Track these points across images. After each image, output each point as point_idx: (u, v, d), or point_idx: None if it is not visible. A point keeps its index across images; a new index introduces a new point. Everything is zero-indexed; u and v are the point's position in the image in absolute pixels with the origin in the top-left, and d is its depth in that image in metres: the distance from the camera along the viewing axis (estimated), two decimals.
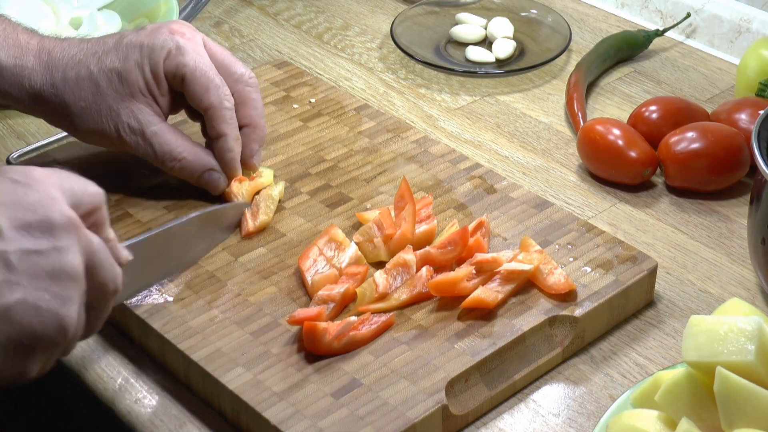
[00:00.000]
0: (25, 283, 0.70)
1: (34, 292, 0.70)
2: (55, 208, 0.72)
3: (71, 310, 0.71)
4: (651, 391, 0.76)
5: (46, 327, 0.70)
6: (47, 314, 0.70)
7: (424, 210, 0.97)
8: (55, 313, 0.70)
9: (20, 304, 0.69)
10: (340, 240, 0.94)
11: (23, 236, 0.70)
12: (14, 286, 0.69)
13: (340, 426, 0.80)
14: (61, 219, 0.72)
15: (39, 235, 0.71)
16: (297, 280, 0.93)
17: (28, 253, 0.70)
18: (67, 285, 0.71)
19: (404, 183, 0.97)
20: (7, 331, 0.69)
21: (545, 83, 1.26)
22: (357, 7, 1.42)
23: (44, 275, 0.70)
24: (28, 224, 0.71)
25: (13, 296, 0.69)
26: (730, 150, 1.06)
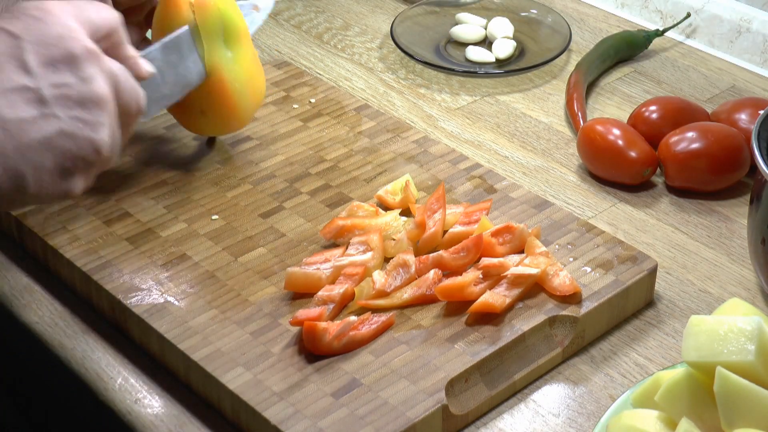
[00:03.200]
0: (60, 114, 0.77)
1: (68, 121, 0.77)
2: (76, 41, 0.78)
3: (103, 133, 0.79)
4: (651, 391, 0.76)
5: (83, 151, 0.78)
6: (82, 139, 0.78)
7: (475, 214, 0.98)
8: (89, 137, 0.78)
9: (58, 133, 0.77)
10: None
11: (51, 71, 0.77)
12: (51, 119, 0.77)
13: (340, 426, 0.80)
14: (81, 50, 0.78)
15: (64, 68, 0.77)
16: None
17: (57, 86, 0.77)
18: (96, 111, 0.79)
19: (441, 188, 0.97)
20: (51, 158, 0.77)
21: (545, 83, 1.26)
22: (357, 7, 1.42)
23: (75, 105, 0.78)
24: (53, 59, 0.77)
25: (51, 127, 0.77)
26: (730, 150, 1.06)
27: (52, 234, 0.97)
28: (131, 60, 0.86)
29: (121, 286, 0.92)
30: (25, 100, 0.76)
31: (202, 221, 0.99)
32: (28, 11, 0.78)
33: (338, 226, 0.95)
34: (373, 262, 0.93)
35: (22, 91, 0.76)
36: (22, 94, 0.76)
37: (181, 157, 1.07)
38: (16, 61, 0.76)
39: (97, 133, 0.79)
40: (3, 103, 0.75)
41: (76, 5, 0.81)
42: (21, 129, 0.75)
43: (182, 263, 0.94)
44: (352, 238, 0.95)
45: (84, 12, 0.81)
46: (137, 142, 1.09)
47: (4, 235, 1.02)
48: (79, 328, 0.94)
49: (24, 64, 0.76)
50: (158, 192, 1.02)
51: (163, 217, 0.99)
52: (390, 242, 0.95)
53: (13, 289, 0.97)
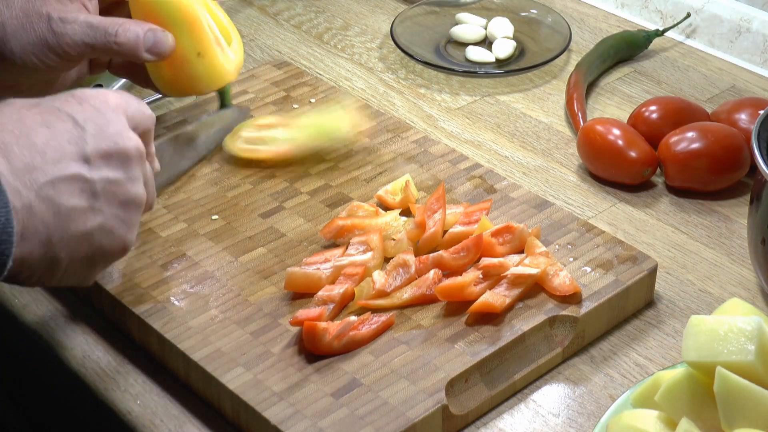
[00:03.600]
0: (105, 209, 0.78)
1: (111, 218, 0.79)
2: (130, 140, 0.80)
3: (134, 233, 0.82)
4: (651, 391, 0.76)
5: (114, 248, 0.80)
6: (117, 238, 0.80)
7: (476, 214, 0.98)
8: (123, 236, 0.80)
9: (99, 228, 0.78)
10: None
11: (106, 165, 0.78)
12: (97, 213, 0.78)
13: (340, 426, 0.80)
14: (134, 152, 0.80)
15: (117, 165, 0.79)
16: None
17: (109, 182, 0.79)
18: (135, 212, 0.81)
19: (441, 188, 0.97)
20: (86, 250, 0.78)
21: (545, 83, 1.26)
22: (357, 7, 1.42)
23: (118, 203, 0.79)
24: (109, 154, 0.79)
25: (96, 221, 0.78)
26: (730, 150, 1.06)
27: None
28: (151, 157, 0.87)
29: (121, 286, 0.92)
30: (80, 190, 0.77)
31: (202, 221, 0.99)
32: (90, 100, 0.80)
33: (338, 226, 0.95)
34: (373, 262, 0.93)
35: (79, 180, 0.76)
36: (79, 184, 0.76)
37: None
38: (77, 149, 0.77)
39: (131, 234, 0.81)
40: (63, 189, 0.75)
41: (125, 99, 0.82)
42: (70, 218, 0.76)
43: (182, 263, 0.94)
44: (352, 238, 0.95)
45: (130, 108, 0.82)
46: None
47: None
48: (79, 328, 0.94)
49: (84, 154, 0.77)
50: (158, 192, 1.02)
51: (163, 217, 0.99)
52: (390, 242, 0.95)
53: (13, 289, 0.97)
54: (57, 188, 0.75)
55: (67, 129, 0.77)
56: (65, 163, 0.76)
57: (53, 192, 0.75)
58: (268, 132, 1.07)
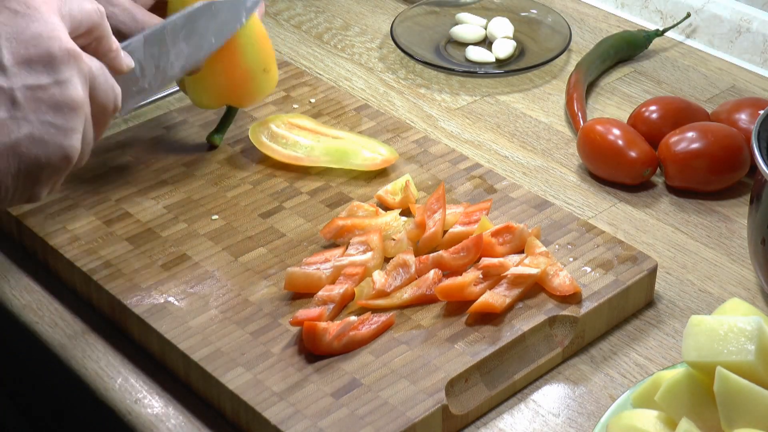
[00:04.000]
0: (31, 118, 0.73)
1: (39, 126, 0.73)
2: (56, 41, 0.74)
3: (74, 140, 0.75)
4: (651, 391, 0.76)
5: (51, 158, 0.75)
6: (53, 146, 0.74)
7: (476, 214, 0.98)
8: (59, 144, 0.75)
9: (27, 138, 0.73)
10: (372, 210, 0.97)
11: (26, 71, 0.73)
12: (21, 122, 0.73)
13: (340, 426, 0.80)
14: (60, 52, 0.74)
15: (41, 69, 0.73)
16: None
17: (31, 88, 0.73)
18: (70, 116, 0.75)
19: (441, 188, 0.97)
20: (16, 164, 0.73)
21: (545, 83, 1.26)
22: (357, 7, 1.42)
23: (47, 109, 0.74)
24: (29, 59, 0.73)
25: (21, 132, 0.73)
26: (730, 150, 1.06)
27: (52, 234, 0.97)
28: (112, 54, 0.82)
29: (121, 286, 0.92)
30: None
31: (202, 221, 0.99)
32: (7, 2, 0.74)
33: (338, 226, 0.95)
34: (373, 262, 0.93)
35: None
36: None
37: (181, 157, 1.07)
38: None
39: (69, 140, 0.75)
40: None
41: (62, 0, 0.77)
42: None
43: (182, 263, 0.94)
44: (352, 238, 0.95)
45: (66, 5, 0.77)
46: (137, 142, 1.09)
47: (4, 235, 1.02)
48: (79, 328, 0.94)
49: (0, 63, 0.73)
50: (158, 192, 1.02)
51: (163, 217, 0.99)
52: (390, 242, 0.95)
53: (13, 289, 0.97)
54: None
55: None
56: None
57: None
58: (295, 134, 1.07)
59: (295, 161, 1.05)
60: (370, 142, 1.07)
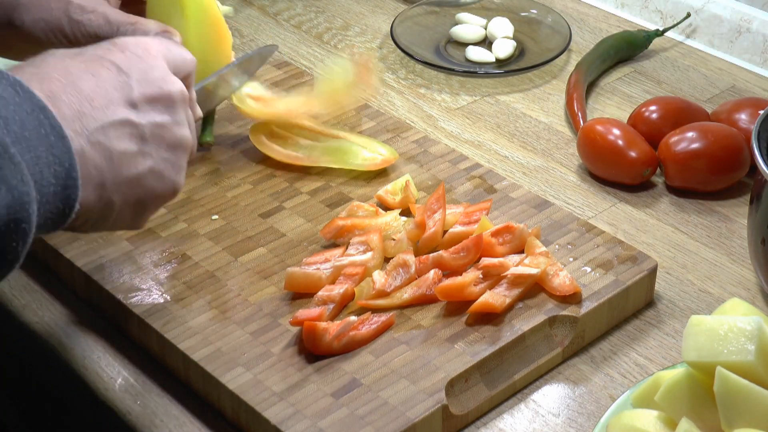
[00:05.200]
0: (154, 153, 0.80)
1: (159, 161, 0.80)
2: (174, 84, 0.82)
3: (182, 176, 0.83)
4: (651, 391, 0.76)
5: (164, 190, 0.82)
6: (167, 180, 0.81)
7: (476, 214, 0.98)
8: (172, 179, 0.82)
9: (150, 171, 0.80)
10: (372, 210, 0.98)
11: (152, 109, 0.80)
12: (147, 156, 0.79)
13: (340, 426, 0.80)
14: (178, 95, 0.82)
15: (162, 109, 0.81)
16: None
17: (156, 126, 0.80)
18: (182, 154, 0.83)
19: (441, 188, 0.97)
20: (137, 193, 0.80)
21: (545, 83, 1.26)
22: (357, 7, 1.42)
23: (166, 146, 0.81)
24: (154, 98, 0.80)
25: (146, 165, 0.79)
26: (730, 150, 1.06)
27: (52, 234, 0.97)
28: (191, 103, 0.87)
29: (121, 286, 0.92)
30: (129, 135, 0.78)
31: (202, 221, 0.99)
32: (131, 48, 0.81)
33: (338, 226, 0.95)
34: (373, 262, 0.93)
35: (127, 125, 0.78)
36: (128, 128, 0.78)
37: None
38: (124, 95, 0.78)
39: (179, 176, 0.82)
40: (113, 135, 0.77)
41: (165, 45, 0.84)
42: (122, 162, 0.77)
43: (182, 263, 0.94)
44: (352, 238, 0.95)
45: (170, 53, 0.84)
46: None
47: None
48: (79, 328, 0.94)
49: (131, 99, 0.78)
50: None
51: (163, 217, 0.99)
52: (390, 242, 0.95)
53: (13, 289, 0.97)
54: (107, 133, 0.76)
55: (112, 76, 0.78)
56: (113, 109, 0.77)
57: (104, 137, 0.76)
58: (295, 134, 1.07)
59: (295, 161, 1.05)
60: (370, 142, 1.07)
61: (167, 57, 0.83)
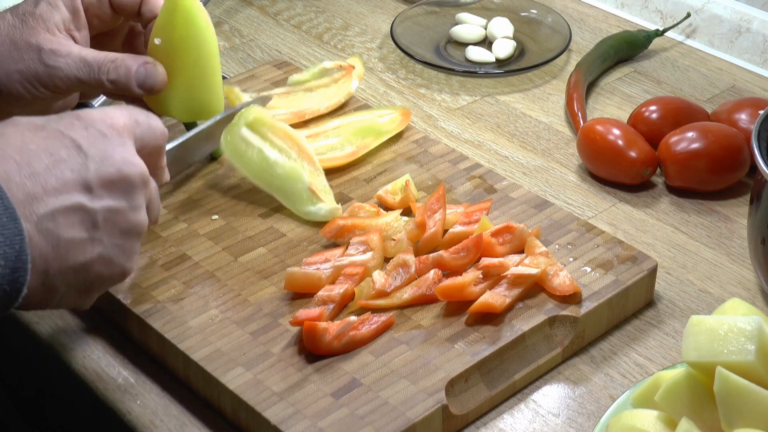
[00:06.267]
0: (105, 239, 0.77)
1: (110, 247, 0.77)
2: (136, 168, 0.78)
3: (133, 261, 0.80)
4: (651, 391, 0.76)
5: (113, 276, 0.79)
6: (116, 267, 0.78)
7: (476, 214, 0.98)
8: (122, 265, 0.79)
9: (98, 259, 0.77)
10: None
11: (107, 194, 0.77)
12: (96, 243, 0.76)
13: (340, 426, 0.80)
14: (138, 178, 0.78)
15: (119, 194, 0.77)
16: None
17: (110, 211, 0.77)
18: (135, 240, 0.79)
19: (441, 188, 0.97)
20: (83, 279, 0.77)
21: (545, 83, 1.26)
22: (357, 7, 1.42)
23: (119, 233, 0.78)
24: (112, 182, 0.77)
25: (95, 252, 0.76)
26: (730, 150, 1.06)
27: None
28: (160, 171, 0.85)
29: (121, 286, 0.92)
30: (80, 221, 0.75)
31: (202, 221, 0.99)
32: (96, 124, 0.77)
33: (338, 226, 0.95)
34: (373, 262, 0.93)
35: (79, 211, 0.75)
36: (80, 214, 0.75)
37: None
38: (79, 178, 0.75)
39: (130, 261, 0.79)
40: (62, 222, 0.74)
41: (135, 119, 0.80)
42: (69, 250, 0.74)
43: (182, 263, 0.94)
44: (352, 238, 0.95)
45: (139, 127, 0.80)
46: None
47: None
48: (79, 328, 0.94)
49: (86, 183, 0.75)
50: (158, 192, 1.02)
51: (163, 217, 0.99)
52: (390, 242, 0.95)
53: None
54: (56, 220, 0.73)
55: (71, 156, 0.75)
56: (66, 194, 0.74)
57: (53, 224, 0.73)
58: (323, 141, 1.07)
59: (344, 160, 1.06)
60: (374, 111, 1.10)
61: (135, 132, 0.80)
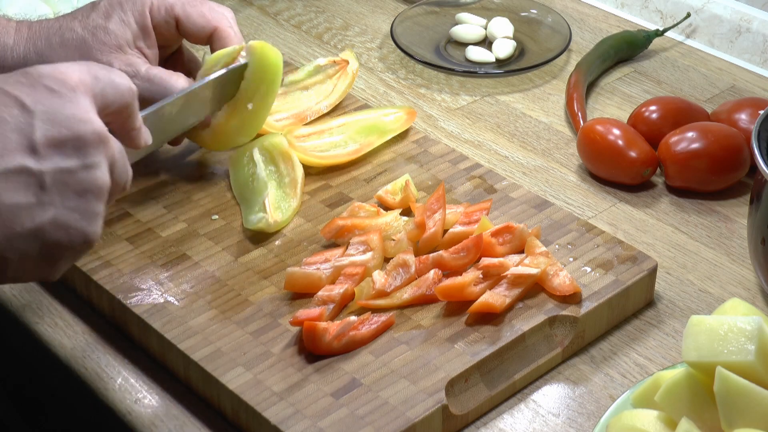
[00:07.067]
0: (57, 202, 0.72)
1: (63, 211, 0.72)
2: (88, 125, 0.73)
3: (97, 225, 0.74)
4: (651, 391, 0.76)
5: (73, 242, 0.73)
6: (75, 231, 0.73)
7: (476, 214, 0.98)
8: (82, 229, 0.73)
9: (51, 223, 0.71)
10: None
11: (56, 154, 0.71)
12: (47, 207, 0.71)
13: (340, 426, 0.80)
14: (91, 136, 0.73)
15: (71, 153, 0.72)
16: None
17: (60, 172, 0.71)
18: (95, 202, 0.73)
19: (441, 188, 0.97)
20: (38, 247, 0.72)
21: (545, 83, 1.26)
22: (357, 7, 1.42)
23: (73, 194, 0.72)
24: (61, 141, 0.72)
25: (45, 216, 0.71)
26: (730, 150, 1.06)
27: None
28: (134, 132, 0.81)
29: (121, 286, 0.92)
30: (24, 185, 0.70)
31: (202, 221, 0.99)
32: (44, 80, 0.73)
33: (338, 226, 0.95)
34: (373, 262, 0.93)
35: (23, 174, 0.70)
36: (24, 177, 0.70)
37: (181, 157, 1.07)
38: (23, 139, 0.70)
39: (92, 225, 0.74)
40: (3, 185, 0.70)
41: (94, 74, 0.75)
42: (14, 215, 0.70)
43: (182, 263, 0.94)
44: (352, 238, 0.95)
45: (99, 83, 0.75)
46: None
47: None
48: (79, 328, 0.94)
49: (31, 144, 0.70)
50: (158, 192, 1.02)
51: (163, 217, 0.99)
52: (390, 242, 0.95)
53: (13, 289, 0.97)
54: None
55: (13, 115, 0.70)
56: (8, 156, 0.70)
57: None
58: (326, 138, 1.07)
59: (347, 157, 1.06)
60: (379, 110, 1.10)
61: (93, 89, 0.75)
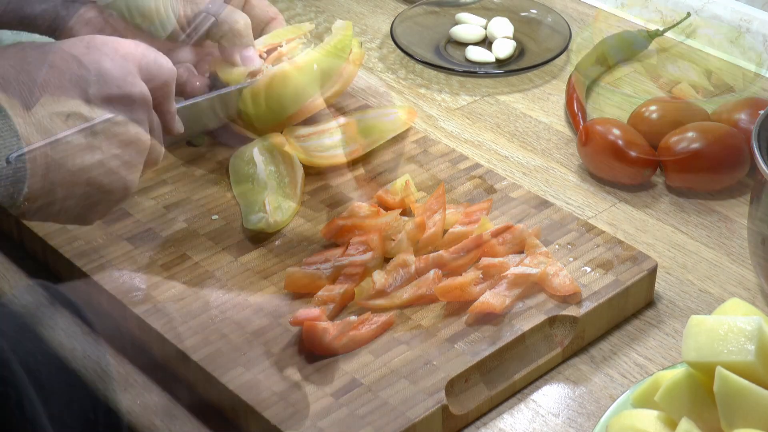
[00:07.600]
0: (104, 148, 0.80)
1: (110, 157, 0.81)
2: (135, 87, 0.83)
3: (135, 175, 0.83)
4: (651, 391, 0.76)
5: (113, 187, 0.82)
6: (117, 178, 0.82)
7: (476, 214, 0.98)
8: (123, 177, 0.82)
9: (98, 165, 0.80)
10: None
11: (108, 107, 0.81)
12: (95, 150, 0.80)
13: (340, 426, 0.80)
14: (138, 96, 0.83)
15: (120, 107, 0.82)
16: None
17: (110, 122, 0.81)
18: (135, 154, 0.83)
19: (441, 188, 0.97)
20: (84, 187, 0.80)
21: (545, 83, 1.26)
22: (357, 7, 1.42)
23: (118, 143, 0.81)
24: (112, 98, 0.81)
25: (94, 158, 0.80)
26: (730, 150, 1.06)
27: (52, 234, 0.97)
28: (169, 115, 0.89)
29: (121, 286, 0.92)
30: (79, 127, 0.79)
31: (202, 221, 0.99)
32: (99, 46, 0.82)
33: (338, 226, 0.95)
34: (373, 262, 0.93)
35: (78, 118, 0.79)
36: (78, 121, 0.79)
37: (181, 157, 1.07)
38: (80, 91, 0.79)
39: (131, 174, 0.83)
40: (60, 125, 0.78)
41: (141, 51, 0.85)
42: (67, 152, 0.78)
43: (182, 263, 0.94)
44: (352, 238, 0.95)
45: (146, 58, 0.85)
46: None
47: (4, 235, 1.02)
48: (79, 328, 0.93)
49: (86, 96, 0.80)
50: (158, 192, 1.02)
51: (163, 217, 0.99)
52: (390, 242, 0.95)
53: (13, 289, 0.97)
54: (55, 123, 0.77)
55: (71, 69, 0.79)
56: (65, 101, 0.78)
57: (51, 126, 0.77)
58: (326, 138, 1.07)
59: (348, 157, 1.06)
60: (379, 110, 1.10)
61: (140, 62, 0.84)
